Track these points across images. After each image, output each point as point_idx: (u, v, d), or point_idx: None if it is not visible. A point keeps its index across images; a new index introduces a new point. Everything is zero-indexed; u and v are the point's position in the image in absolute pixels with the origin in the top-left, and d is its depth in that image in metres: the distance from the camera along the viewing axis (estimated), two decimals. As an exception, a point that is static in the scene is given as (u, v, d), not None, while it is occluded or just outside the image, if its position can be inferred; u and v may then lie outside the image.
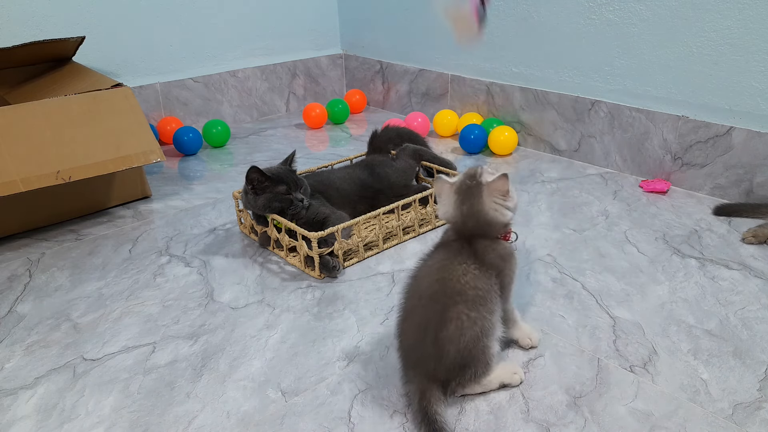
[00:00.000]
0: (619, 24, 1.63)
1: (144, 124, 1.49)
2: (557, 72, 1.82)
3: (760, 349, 0.98)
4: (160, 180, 1.80)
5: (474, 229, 0.89)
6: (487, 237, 0.90)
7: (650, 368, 0.95)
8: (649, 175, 1.67)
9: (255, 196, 1.29)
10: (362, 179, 1.45)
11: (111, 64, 1.99)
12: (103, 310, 1.16)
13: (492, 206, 0.88)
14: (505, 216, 0.89)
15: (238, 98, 2.31)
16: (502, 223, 0.90)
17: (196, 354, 1.02)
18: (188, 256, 1.35)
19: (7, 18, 1.76)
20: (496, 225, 0.89)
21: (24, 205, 1.44)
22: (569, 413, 0.86)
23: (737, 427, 0.83)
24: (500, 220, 0.89)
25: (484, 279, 0.87)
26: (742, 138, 1.46)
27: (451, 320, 0.84)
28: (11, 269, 1.32)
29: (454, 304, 0.84)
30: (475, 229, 0.89)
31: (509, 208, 0.90)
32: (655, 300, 1.12)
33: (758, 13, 1.38)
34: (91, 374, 0.98)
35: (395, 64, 2.35)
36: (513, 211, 0.91)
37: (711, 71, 1.49)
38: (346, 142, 2.10)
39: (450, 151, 1.96)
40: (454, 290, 0.85)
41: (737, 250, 1.29)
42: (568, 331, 1.05)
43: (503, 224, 0.90)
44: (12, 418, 0.89)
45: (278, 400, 0.91)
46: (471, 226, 0.89)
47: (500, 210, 0.89)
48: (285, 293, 1.19)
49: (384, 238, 1.36)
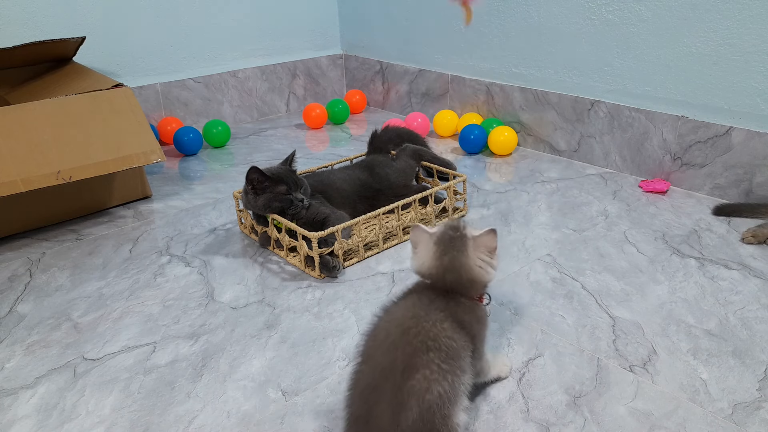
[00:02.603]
0: (618, 24, 1.63)
1: (144, 124, 1.49)
2: (557, 72, 1.82)
3: (759, 349, 0.98)
4: (161, 180, 1.80)
5: (453, 285, 0.80)
6: (464, 296, 0.81)
7: (650, 368, 0.95)
8: (648, 175, 1.68)
9: (255, 196, 1.29)
10: (362, 179, 1.45)
11: (111, 64, 1.99)
12: (103, 310, 1.16)
13: (477, 262, 0.80)
14: (489, 275, 0.82)
15: (238, 98, 2.31)
16: (483, 282, 0.82)
17: (197, 354, 1.02)
18: (189, 256, 1.35)
19: (7, 18, 1.76)
20: (479, 283, 0.81)
21: (24, 205, 1.44)
22: (569, 413, 0.86)
23: (737, 426, 0.83)
24: (483, 279, 0.81)
25: (461, 335, 0.78)
26: (742, 138, 1.46)
27: (421, 367, 0.72)
28: (12, 269, 1.32)
29: (426, 350, 0.73)
30: (455, 286, 0.81)
31: (494, 266, 0.82)
32: (655, 300, 1.13)
33: (758, 13, 1.38)
34: (92, 374, 0.98)
35: (395, 64, 2.35)
36: (496, 270, 0.83)
37: (711, 71, 1.49)
38: (346, 142, 2.10)
39: (450, 151, 1.96)
40: (429, 335, 0.74)
41: (737, 250, 1.29)
42: (568, 330, 1.05)
43: (484, 284, 0.82)
44: (12, 418, 0.89)
45: (278, 399, 0.91)
46: (450, 282, 0.80)
47: (485, 267, 0.81)
48: (285, 293, 1.19)
49: (384, 238, 1.36)
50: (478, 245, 0.81)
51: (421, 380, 0.71)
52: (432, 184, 1.60)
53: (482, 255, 0.81)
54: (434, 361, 0.72)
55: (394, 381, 0.71)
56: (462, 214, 1.49)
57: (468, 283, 0.81)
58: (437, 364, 0.72)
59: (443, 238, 0.81)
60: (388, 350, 0.74)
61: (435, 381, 0.71)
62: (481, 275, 0.81)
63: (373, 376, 0.74)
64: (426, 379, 0.71)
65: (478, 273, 0.81)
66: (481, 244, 0.81)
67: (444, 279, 0.80)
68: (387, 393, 0.71)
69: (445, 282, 0.81)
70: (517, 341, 1.02)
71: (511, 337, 1.04)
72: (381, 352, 0.75)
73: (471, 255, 0.80)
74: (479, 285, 0.82)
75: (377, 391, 0.72)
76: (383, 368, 0.73)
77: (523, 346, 1.01)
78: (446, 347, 0.74)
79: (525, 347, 1.01)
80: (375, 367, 0.74)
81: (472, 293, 0.82)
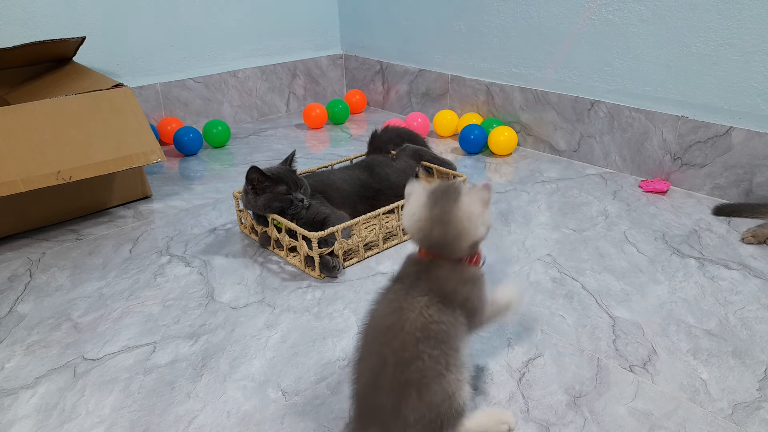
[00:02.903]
0: (618, 24, 1.63)
1: (144, 124, 1.49)
2: (557, 72, 1.82)
3: (759, 349, 0.98)
4: (161, 180, 1.80)
5: (439, 240, 0.77)
6: (449, 257, 0.78)
7: (650, 368, 0.95)
8: (648, 175, 1.68)
9: (255, 196, 1.29)
10: (362, 179, 1.45)
11: (111, 64, 1.99)
12: (103, 309, 1.16)
13: (467, 214, 0.76)
14: (478, 231, 0.77)
15: (238, 98, 2.31)
16: (472, 239, 0.77)
17: (197, 354, 1.02)
18: (188, 256, 1.35)
19: (7, 18, 1.76)
20: (466, 239, 0.76)
21: (24, 205, 1.44)
22: (569, 413, 0.86)
23: (737, 426, 0.83)
24: (472, 234, 0.76)
25: (448, 312, 0.75)
26: (742, 138, 1.46)
27: (413, 359, 0.71)
28: (12, 269, 1.32)
29: (415, 342, 0.72)
30: (440, 241, 0.77)
31: (485, 221, 0.77)
32: (655, 300, 1.13)
33: (758, 13, 1.38)
34: (92, 374, 0.98)
35: (395, 64, 2.35)
36: (487, 229, 0.78)
37: (710, 71, 1.49)
38: (346, 142, 2.10)
39: (450, 152, 1.96)
40: (416, 326, 0.73)
41: (737, 250, 1.29)
42: (568, 330, 1.05)
43: (473, 241, 0.77)
44: (12, 418, 0.89)
45: (278, 399, 0.91)
46: (437, 237, 0.76)
47: (474, 221, 0.76)
48: (285, 293, 1.19)
49: (384, 238, 1.36)
50: (472, 197, 0.77)
51: (414, 371, 0.71)
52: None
53: (474, 208, 0.76)
54: (425, 351, 0.72)
55: (389, 377, 0.72)
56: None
57: (455, 238, 0.76)
58: (428, 353, 0.72)
59: (436, 189, 0.79)
60: (378, 349, 0.74)
61: (429, 368, 0.71)
62: (468, 230, 0.76)
63: (369, 374, 0.74)
64: (419, 369, 0.71)
65: (466, 227, 0.76)
66: (474, 196, 0.77)
67: (431, 234, 0.77)
68: (384, 388, 0.72)
69: (431, 237, 0.77)
70: (517, 341, 1.02)
71: (511, 337, 1.04)
72: (371, 352, 0.75)
73: (462, 207, 0.76)
74: (467, 241, 0.77)
75: (375, 388, 0.73)
76: (375, 366, 0.74)
77: (523, 346, 1.01)
78: (435, 333, 0.73)
79: (525, 347, 1.01)
80: (369, 366, 0.75)
81: (457, 251, 0.77)
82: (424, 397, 0.71)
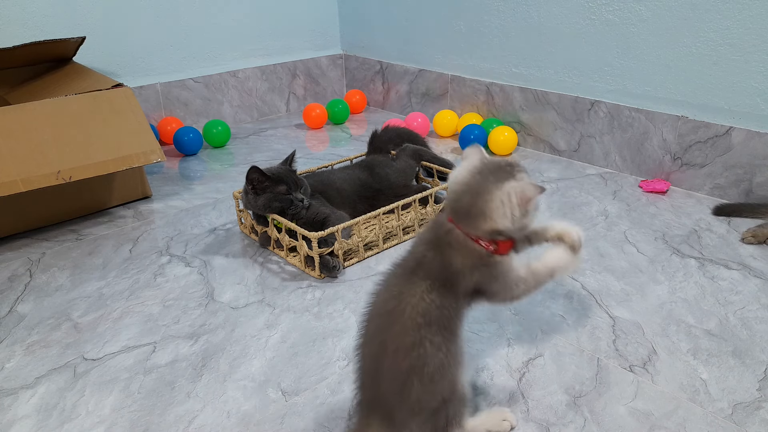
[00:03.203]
0: (618, 24, 1.63)
1: (144, 124, 1.49)
2: (557, 72, 1.82)
3: (759, 349, 0.98)
4: (161, 180, 1.80)
5: (464, 208, 0.73)
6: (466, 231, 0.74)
7: (650, 368, 0.95)
8: (648, 175, 1.68)
9: (255, 196, 1.30)
10: (362, 179, 1.45)
11: (111, 64, 1.99)
12: (103, 309, 1.16)
13: (501, 199, 0.71)
14: (502, 221, 0.72)
15: (238, 98, 2.31)
16: (493, 226, 0.72)
17: (197, 354, 1.02)
18: (188, 256, 1.35)
19: (7, 18, 1.76)
20: (487, 222, 0.72)
21: (24, 205, 1.44)
22: (569, 413, 0.86)
23: (737, 426, 0.83)
24: (494, 220, 0.72)
25: (451, 297, 0.73)
26: (742, 138, 1.46)
27: (414, 346, 0.70)
28: (12, 269, 1.32)
29: (416, 326, 0.71)
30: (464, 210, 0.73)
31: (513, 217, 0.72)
32: (655, 300, 1.13)
33: (758, 13, 1.38)
34: (92, 374, 0.98)
35: (395, 64, 2.35)
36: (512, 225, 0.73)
37: (710, 71, 1.49)
38: (346, 142, 2.10)
39: (450, 152, 1.96)
40: (417, 310, 0.71)
41: (737, 250, 1.29)
42: (568, 330, 1.05)
43: (493, 229, 0.73)
44: (12, 418, 0.89)
45: (278, 399, 0.91)
46: (463, 204, 0.73)
47: (503, 210, 0.71)
48: (285, 293, 1.19)
49: (384, 238, 1.36)
50: (517, 187, 0.72)
51: (416, 358, 0.70)
52: (432, 184, 1.60)
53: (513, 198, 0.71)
54: (426, 337, 0.71)
55: (389, 363, 0.71)
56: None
57: (476, 215, 0.72)
58: (429, 339, 0.70)
59: (492, 162, 0.75)
60: (378, 334, 0.73)
61: (431, 356, 0.70)
62: (493, 215, 0.72)
63: (370, 360, 0.74)
64: (421, 357, 0.70)
65: (492, 210, 0.72)
66: (519, 188, 0.71)
67: (461, 200, 0.74)
68: (386, 374, 0.72)
69: (458, 204, 0.74)
70: (517, 341, 1.02)
71: (511, 337, 1.04)
72: (372, 338, 0.75)
73: (502, 189, 0.72)
74: (486, 225, 0.72)
75: (377, 374, 0.73)
76: (376, 352, 0.73)
77: (523, 346, 1.01)
78: (437, 318, 0.71)
79: (525, 347, 1.01)
80: (370, 352, 0.75)
81: (473, 230, 0.73)
82: (427, 385, 0.70)
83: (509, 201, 0.72)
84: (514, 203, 0.72)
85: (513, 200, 0.72)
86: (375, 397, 0.74)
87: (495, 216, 0.72)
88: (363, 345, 0.76)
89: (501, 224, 0.72)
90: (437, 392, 0.71)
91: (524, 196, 0.71)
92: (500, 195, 0.72)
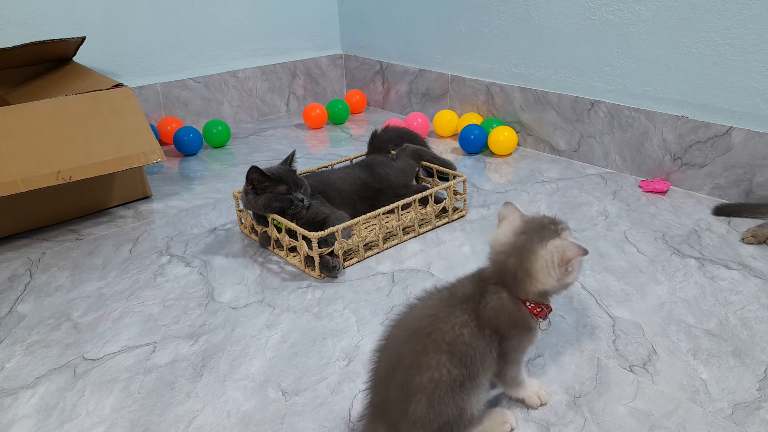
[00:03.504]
0: (618, 24, 1.63)
1: (144, 124, 1.49)
2: (557, 72, 1.82)
3: (759, 349, 0.98)
4: (161, 180, 1.80)
5: (511, 269, 0.76)
6: (511, 291, 0.76)
7: (650, 368, 0.95)
8: (648, 175, 1.68)
9: (255, 196, 1.29)
10: (362, 179, 1.45)
11: (111, 64, 1.99)
12: (103, 309, 1.16)
13: (546, 260, 0.74)
14: (547, 281, 0.74)
15: (238, 98, 2.31)
16: (541, 287, 0.75)
17: (197, 354, 1.02)
18: (188, 256, 1.35)
19: (7, 18, 1.76)
20: (534, 283, 0.75)
21: (24, 205, 1.44)
22: (569, 413, 0.86)
23: (737, 426, 0.83)
24: (540, 281, 0.75)
25: (483, 341, 0.74)
26: (742, 138, 1.46)
27: (429, 368, 0.71)
28: (12, 269, 1.32)
29: (438, 351, 0.71)
30: (512, 271, 0.76)
31: (560, 278, 0.75)
32: (655, 300, 1.13)
33: (758, 13, 1.38)
34: (92, 374, 0.98)
35: (395, 64, 2.35)
36: (557, 284, 0.75)
37: (710, 71, 1.49)
38: (346, 142, 2.10)
39: (450, 151, 1.96)
40: (443, 338, 0.72)
41: (737, 250, 1.29)
42: (568, 330, 1.05)
43: (542, 290, 0.75)
44: (12, 418, 0.89)
45: (278, 399, 0.91)
46: (510, 265, 0.76)
47: (548, 270, 0.74)
48: (285, 293, 1.19)
49: (384, 238, 1.36)
50: (559, 247, 0.74)
51: (429, 380, 0.71)
52: (432, 184, 1.60)
53: (555, 258, 0.74)
54: (445, 365, 0.71)
55: (402, 375, 0.72)
56: (462, 215, 1.49)
57: (524, 276, 0.75)
58: (448, 368, 0.71)
59: (533, 220, 0.78)
60: (399, 345, 0.75)
61: (445, 383, 0.71)
62: (539, 276, 0.74)
63: (386, 366, 0.75)
64: (434, 380, 0.71)
65: (540, 269, 0.74)
66: (562, 248, 0.74)
67: (506, 261, 0.76)
68: (396, 384, 0.73)
69: (505, 266, 0.76)
70: (517, 341, 1.02)
71: (511, 337, 1.04)
72: (393, 345, 0.76)
73: (547, 249, 0.74)
74: (533, 287, 0.75)
75: (389, 381, 0.74)
76: (393, 360, 0.74)
77: (523, 346, 1.01)
78: (460, 353, 0.72)
79: (525, 347, 1.01)
80: (387, 358, 0.76)
81: (522, 292, 0.76)
82: (434, 407, 0.71)
83: (551, 260, 0.74)
84: (556, 263, 0.74)
85: (555, 260, 0.74)
86: (383, 403, 0.75)
87: (540, 276, 0.75)
88: (382, 349, 0.78)
89: (547, 284, 0.75)
90: (443, 415, 0.72)
91: (565, 256, 0.73)
92: (545, 254, 0.74)
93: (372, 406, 0.77)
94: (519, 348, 0.79)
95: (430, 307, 0.77)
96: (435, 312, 0.75)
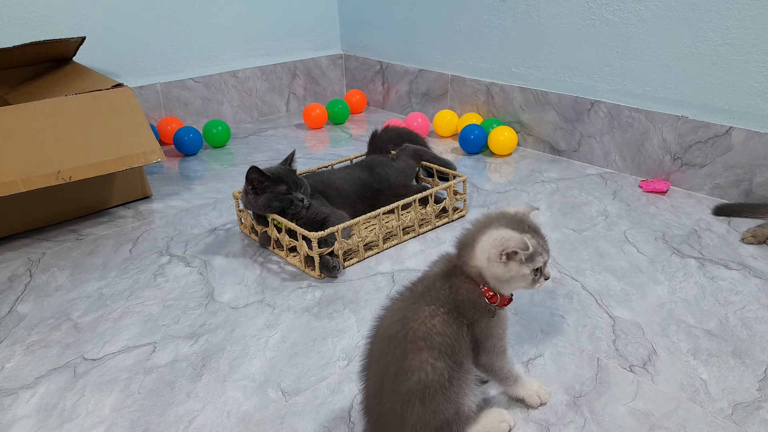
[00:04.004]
0: (618, 24, 1.63)
1: (144, 124, 1.49)
2: (557, 72, 1.82)
3: (759, 349, 0.98)
4: (161, 180, 1.80)
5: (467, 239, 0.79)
6: (463, 267, 0.78)
7: (650, 368, 0.95)
8: (648, 175, 1.68)
9: (255, 196, 1.30)
10: (362, 179, 1.45)
11: (111, 64, 1.99)
12: (103, 309, 1.16)
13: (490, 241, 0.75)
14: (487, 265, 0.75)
15: (238, 98, 2.31)
16: (478, 266, 0.76)
17: (197, 354, 1.02)
18: (189, 256, 1.35)
19: (7, 18, 1.76)
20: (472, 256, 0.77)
21: (24, 205, 1.44)
22: (569, 413, 0.86)
23: (737, 426, 0.83)
24: (478, 260, 0.76)
25: (455, 326, 0.74)
26: (742, 138, 1.46)
27: (414, 370, 0.71)
28: (12, 269, 1.32)
29: (417, 350, 0.72)
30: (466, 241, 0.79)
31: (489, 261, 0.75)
32: (655, 300, 1.13)
33: (758, 13, 1.38)
34: (92, 374, 0.98)
35: (395, 64, 2.35)
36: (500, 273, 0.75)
37: (710, 71, 1.49)
38: (346, 142, 2.10)
39: (450, 151, 1.96)
40: (418, 335, 0.72)
41: (737, 250, 1.29)
42: (568, 330, 1.05)
43: (474, 264, 0.77)
44: (12, 418, 0.89)
45: (278, 399, 0.91)
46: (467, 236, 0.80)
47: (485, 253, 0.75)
48: (285, 293, 1.19)
49: (384, 238, 1.36)
50: (506, 235, 0.74)
51: (416, 382, 0.72)
52: (432, 184, 1.60)
53: (497, 242, 0.74)
54: (428, 362, 0.72)
55: (390, 384, 0.73)
56: (462, 215, 1.49)
57: (467, 245, 0.78)
58: (431, 364, 0.72)
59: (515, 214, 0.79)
60: (380, 357, 0.75)
61: (433, 381, 0.72)
62: (479, 252, 0.76)
63: (374, 381, 0.76)
64: (421, 381, 0.72)
65: (479, 248, 0.76)
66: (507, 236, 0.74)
67: (466, 233, 0.80)
68: (387, 396, 0.73)
69: (464, 236, 0.80)
70: (517, 341, 1.02)
71: (511, 337, 1.04)
72: (375, 359, 0.77)
73: (491, 233, 0.76)
74: (474, 262, 0.76)
75: (381, 395, 0.74)
76: (379, 374, 0.75)
77: (523, 346, 1.01)
78: (439, 344, 0.73)
79: (525, 347, 1.01)
80: (374, 374, 0.77)
81: (464, 266, 0.78)
82: (428, 406, 0.72)
83: (490, 245, 0.75)
84: (492, 248, 0.74)
85: (494, 244, 0.74)
86: (380, 417, 0.75)
87: (478, 254, 0.76)
88: (366, 367, 0.78)
89: (479, 262, 0.76)
90: (439, 414, 0.72)
91: (504, 244, 0.73)
92: (491, 235, 0.75)
93: (370, 423, 0.77)
94: (490, 334, 0.78)
95: (397, 311, 0.77)
96: (403, 314, 0.75)
